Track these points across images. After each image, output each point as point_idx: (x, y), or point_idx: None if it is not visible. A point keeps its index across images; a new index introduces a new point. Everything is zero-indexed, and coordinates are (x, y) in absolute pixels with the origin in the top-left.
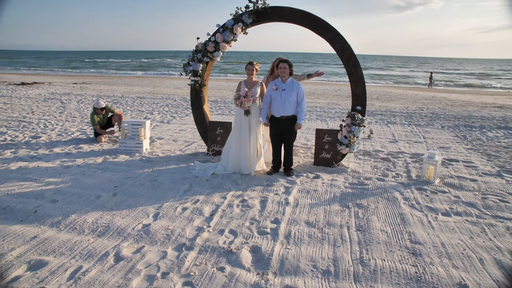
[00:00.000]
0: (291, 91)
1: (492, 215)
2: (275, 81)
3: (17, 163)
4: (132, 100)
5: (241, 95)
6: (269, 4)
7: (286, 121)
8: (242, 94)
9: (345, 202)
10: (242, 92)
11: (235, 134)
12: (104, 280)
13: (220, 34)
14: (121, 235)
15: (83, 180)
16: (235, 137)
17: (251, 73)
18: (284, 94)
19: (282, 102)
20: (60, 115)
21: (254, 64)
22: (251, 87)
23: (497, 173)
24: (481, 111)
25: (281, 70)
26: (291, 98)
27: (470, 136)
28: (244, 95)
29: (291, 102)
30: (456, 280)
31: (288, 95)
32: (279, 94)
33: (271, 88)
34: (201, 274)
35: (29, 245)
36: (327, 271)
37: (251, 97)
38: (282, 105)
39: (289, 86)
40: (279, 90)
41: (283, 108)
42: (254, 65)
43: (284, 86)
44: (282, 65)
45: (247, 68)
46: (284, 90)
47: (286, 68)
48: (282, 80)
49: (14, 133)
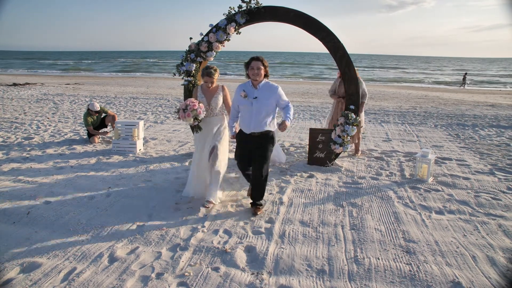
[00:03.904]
0: (265, 99)
1: (484, 212)
2: (243, 85)
3: (9, 164)
4: (126, 101)
5: (181, 107)
6: (262, 3)
7: (258, 139)
8: (182, 106)
9: (339, 201)
10: (182, 105)
11: (195, 151)
12: (99, 281)
13: (213, 34)
14: (115, 236)
15: (77, 181)
16: (194, 155)
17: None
18: (256, 104)
19: (253, 114)
20: (53, 116)
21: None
22: (210, 96)
23: (490, 171)
24: (473, 109)
25: (253, 71)
26: (266, 109)
27: (463, 134)
28: (184, 108)
29: (267, 114)
30: (449, 278)
31: (262, 105)
32: (249, 104)
33: (239, 95)
34: (196, 274)
35: (22, 247)
36: (322, 270)
37: (192, 111)
38: (253, 118)
39: (263, 93)
40: (248, 98)
41: (255, 122)
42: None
43: (256, 92)
44: (255, 64)
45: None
46: (256, 99)
47: (260, 68)
48: (253, 84)
49: (6, 134)
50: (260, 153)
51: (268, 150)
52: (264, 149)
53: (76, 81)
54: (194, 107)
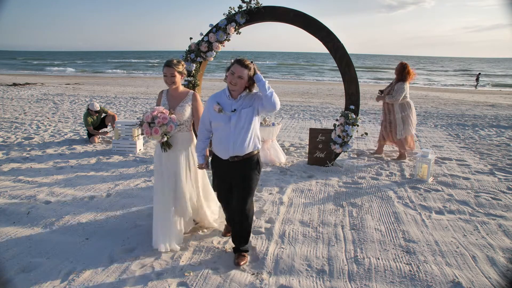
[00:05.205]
0: (247, 114)
1: (484, 213)
2: (217, 95)
3: (9, 164)
4: (126, 101)
5: (145, 120)
6: (262, 4)
7: (240, 166)
8: (147, 119)
9: (339, 201)
10: (147, 116)
11: (156, 180)
12: (99, 282)
13: (213, 34)
14: (115, 235)
15: (77, 181)
16: (155, 186)
17: (171, 81)
18: (235, 120)
19: (231, 133)
20: (53, 116)
21: (174, 65)
22: (174, 103)
23: (490, 171)
24: (473, 109)
25: (231, 78)
26: (247, 124)
27: (463, 134)
28: (149, 121)
29: (248, 129)
30: (449, 278)
31: (243, 119)
32: (225, 120)
33: (211, 109)
34: (196, 274)
35: (22, 247)
36: (322, 270)
37: (161, 126)
38: (232, 138)
39: (244, 102)
40: (224, 113)
41: (235, 143)
42: (174, 66)
43: (236, 104)
44: (236, 68)
45: (164, 74)
46: (235, 112)
47: (242, 77)
48: (231, 94)
49: (6, 134)
50: (243, 186)
51: (254, 180)
52: (248, 180)
53: (76, 81)
54: (164, 122)
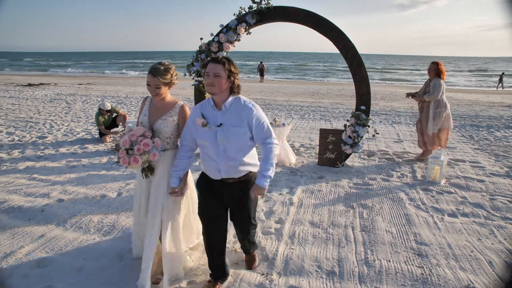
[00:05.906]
0: (236, 126)
1: (501, 216)
2: (202, 105)
3: (24, 162)
4: (137, 101)
5: (122, 145)
6: (273, 4)
7: (235, 189)
8: (123, 144)
9: (350, 202)
10: (124, 141)
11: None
12: (111, 280)
13: (223, 34)
14: (126, 234)
15: (89, 179)
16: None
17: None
18: (222, 135)
19: (220, 151)
20: (66, 115)
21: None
22: (155, 116)
23: (506, 174)
24: (488, 110)
25: (208, 80)
26: (237, 141)
27: (477, 136)
28: (128, 147)
29: (240, 148)
30: (464, 283)
31: (232, 136)
32: (211, 135)
33: (194, 123)
34: (206, 274)
35: (36, 244)
36: (332, 271)
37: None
38: (220, 157)
39: (232, 116)
40: (209, 127)
41: (225, 163)
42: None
43: (222, 117)
44: (210, 67)
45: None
46: (222, 126)
47: (219, 75)
48: (215, 103)
49: (22, 133)
50: (241, 207)
51: (255, 200)
52: (245, 201)
53: (88, 81)
54: (145, 149)
